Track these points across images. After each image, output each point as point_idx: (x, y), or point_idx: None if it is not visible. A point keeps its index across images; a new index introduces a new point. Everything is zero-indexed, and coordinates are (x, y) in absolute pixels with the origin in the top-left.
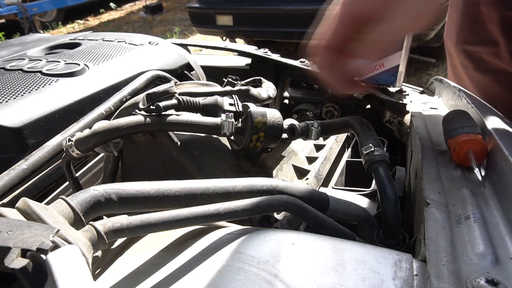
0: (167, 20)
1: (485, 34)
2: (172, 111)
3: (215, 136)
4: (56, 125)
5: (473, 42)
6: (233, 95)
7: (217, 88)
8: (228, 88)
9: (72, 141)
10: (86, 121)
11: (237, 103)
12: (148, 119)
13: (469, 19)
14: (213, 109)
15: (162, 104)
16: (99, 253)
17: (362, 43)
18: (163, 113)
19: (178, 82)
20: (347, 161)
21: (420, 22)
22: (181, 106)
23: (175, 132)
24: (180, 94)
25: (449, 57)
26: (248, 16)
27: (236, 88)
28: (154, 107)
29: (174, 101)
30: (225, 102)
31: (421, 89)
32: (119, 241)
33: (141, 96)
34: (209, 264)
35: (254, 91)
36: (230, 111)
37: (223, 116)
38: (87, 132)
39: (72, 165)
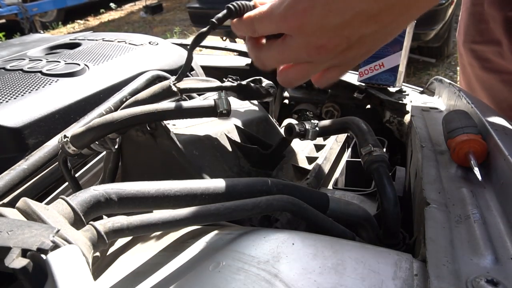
0: (167, 20)
1: (490, 34)
2: (168, 101)
3: (215, 136)
4: (56, 125)
5: (479, 41)
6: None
7: (217, 83)
8: (227, 83)
9: (67, 137)
10: (86, 121)
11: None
12: (141, 110)
13: (475, 19)
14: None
15: (214, 18)
16: (99, 253)
17: None
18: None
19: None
20: (347, 161)
21: None
22: (233, 13)
23: (175, 132)
24: (180, 89)
25: (460, 57)
26: None
27: (236, 83)
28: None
29: (224, 11)
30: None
31: (421, 89)
32: (119, 241)
33: (143, 94)
34: (209, 264)
35: (253, 86)
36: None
37: (215, 95)
38: (82, 128)
39: (70, 162)
